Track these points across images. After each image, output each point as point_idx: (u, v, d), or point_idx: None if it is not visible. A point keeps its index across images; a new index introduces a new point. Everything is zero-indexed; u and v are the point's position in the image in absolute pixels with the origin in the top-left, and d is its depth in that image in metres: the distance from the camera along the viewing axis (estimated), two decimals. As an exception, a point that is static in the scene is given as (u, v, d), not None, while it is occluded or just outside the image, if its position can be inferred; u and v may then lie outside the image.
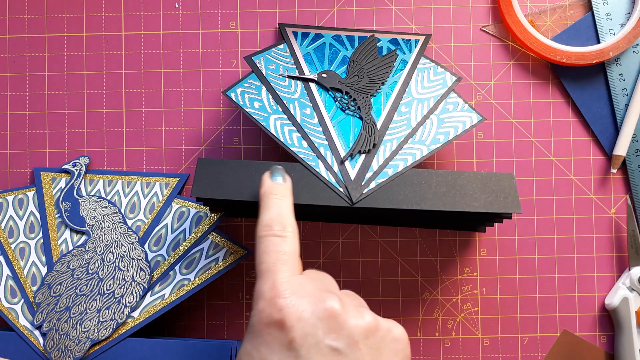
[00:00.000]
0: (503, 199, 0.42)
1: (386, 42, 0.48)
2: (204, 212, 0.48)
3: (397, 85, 0.47)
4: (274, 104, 0.45)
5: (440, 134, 0.45)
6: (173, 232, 0.48)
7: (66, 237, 0.48)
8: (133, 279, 0.47)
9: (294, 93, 0.46)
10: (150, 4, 0.50)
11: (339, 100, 0.46)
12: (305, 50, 0.47)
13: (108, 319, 0.46)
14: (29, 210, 0.48)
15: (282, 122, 0.44)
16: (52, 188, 0.48)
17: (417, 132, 0.45)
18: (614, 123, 0.49)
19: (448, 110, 0.46)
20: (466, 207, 0.41)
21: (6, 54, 0.50)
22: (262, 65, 0.46)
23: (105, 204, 0.48)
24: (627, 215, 0.48)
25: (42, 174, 0.48)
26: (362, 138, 0.44)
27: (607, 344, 0.49)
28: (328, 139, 0.45)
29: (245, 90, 0.45)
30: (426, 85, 0.47)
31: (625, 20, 0.49)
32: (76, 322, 0.46)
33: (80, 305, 0.46)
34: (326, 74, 0.46)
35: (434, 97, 0.46)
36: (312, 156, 0.44)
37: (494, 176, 0.42)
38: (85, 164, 0.48)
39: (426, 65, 0.47)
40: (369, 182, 0.43)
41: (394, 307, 0.49)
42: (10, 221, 0.48)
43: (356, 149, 0.44)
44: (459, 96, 0.46)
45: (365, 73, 0.46)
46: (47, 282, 0.47)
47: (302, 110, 0.45)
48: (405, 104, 0.46)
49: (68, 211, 0.48)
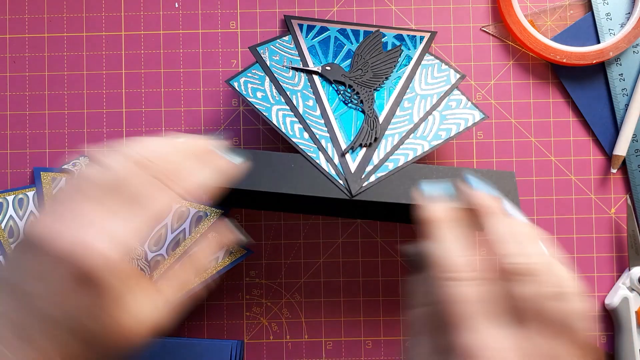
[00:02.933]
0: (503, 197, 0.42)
1: (391, 37, 0.48)
2: (204, 211, 0.48)
3: (400, 80, 0.47)
4: (276, 94, 0.45)
5: (442, 130, 0.45)
6: (173, 231, 0.48)
7: None
8: None
9: (297, 85, 0.46)
10: (150, 4, 0.50)
11: (342, 93, 0.46)
12: (310, 42, 0.47)
13: None
14: (29, 210, 0.48)
15: (284, 113, 0.44)
16: (52, 188, 0.48)
17: (419, 128, 0.45)
18: (614, 123, 0.49)
19: (451, 107, 0.46)
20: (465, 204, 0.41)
21: (6, 54, 0.50)
22: (266, 56, 0.46)
23: None
24: (627, 215, 0.48)
25: (42, 174, 0.48)
26: (363, 131, 0.44)
27: (607, 344, 0.49)
28: (329, 131, 0.45)
29: (249, 80, 0.45)
30: (430, 81, 0.47)
31: (625, 20, 0.49)
32: None
33: None
34: (330, 67, 0.46)
35: (437, 94, 0.46)
36: (313, 148, 0.44)
37: (494, 173, 0.42)
38: (85, 164, 0.48)
39: (430, 62, 0.47)
40: (369, 176, 0.43)
41: (394, 307, 0.49)
42: (11, 221, 0.48)
43: (357, 142, 0.44)
44: (462, 93, 0.46)
45: (370, 67, 0.46)
46: None
47: (305, 102, 0.45)
48: (408, 99, 0.46)
49: None
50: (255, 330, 0.49)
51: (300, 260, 0.49)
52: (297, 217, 0.49)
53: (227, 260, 0.46)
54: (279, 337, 0.49)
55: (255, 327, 0.49)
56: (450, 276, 0.29)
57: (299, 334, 0.49)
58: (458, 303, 0.28)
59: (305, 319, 0.49)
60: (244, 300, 0.49)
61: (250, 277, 0.49)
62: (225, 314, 0.49)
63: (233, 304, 0.49)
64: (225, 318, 0.49)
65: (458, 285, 0.29)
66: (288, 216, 0.49)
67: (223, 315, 0.49)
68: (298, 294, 0.49)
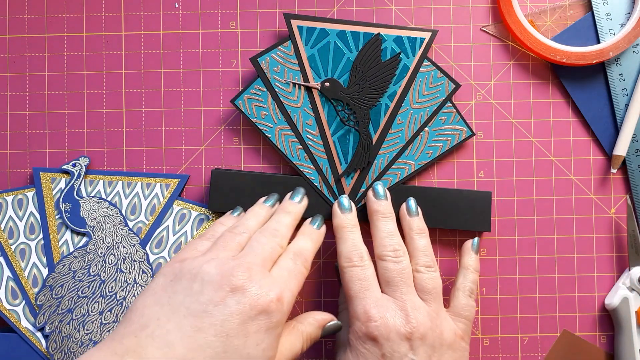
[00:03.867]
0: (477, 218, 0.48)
1: (391, 41, 0.48)
2: (205, 214, 0.48)
3: (396, 95, 0.48)
4: (279, 113, 0.48)
5: (430, 149, 0.48)
6: (174, 234, 0.48)
7: (67, 239, 0.48)
8: (135, 281, 0.47)
9: (297, 101, 0.48)
10: (150, 4, 0.50)
11: (340, 112, 0.48)
12: (310, 51, 0.48)
13: (111, 321, 0.46)
14: (28, 211, 0.48)
15: (286, 135, 0.48)
16: (52, 189, 0.48)
17: (409, 147, 0.48)
18: (614, 123, 0.49)
19: (441, 122, 0.48)
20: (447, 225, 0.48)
21: (6, 54, 0.50)
22: (267, 68, 0.47)
23: (106, 205, 0.48)
24: (627, 215, 0.48)
25: (41, 174, 0.48)
26: (358, 155, 0.48)
27: (607, 344, 0.49)
28: (327, 154, 0.48)
29: (252, 99, 0.47)
30: (424, 94, 0.48)
31: (625, 20, 0.49)
32: (79, 324, 0.46)
33: (83, 307, 0.46)
34: (329, 83, 0.47)
35: (429, 108, 0.48)
36: (312, 171, 0.48)
37: (472, 193, 0.47)
38: (85, 165, 0.48)
39: (427, 69, 0.48)
40: (362, 198, 0.48)
41: (394, 307, 0.49)
42: (10, 222, 0.48)
43: (352, 167, 0.48)
44: (454, 107, 0.48)
45: (367, 81, 0.47)
46: (48, 283, 0.47)
47: (305, 121, 0.48)
48: (401, 115, 0.48)
49: (68, 212, 0.48)
50: (255, 330, 0.49)
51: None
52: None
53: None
54: (279, 337, 0.49)
55: (255, 327, 0.49)
56: (346, 264, 0.42)
57: (299, 334, 0.49)
58: (351, 281, 0.41)
59: (306, 319, 0.49)
60: (244, 301, 0.49)
61: (251, 277, 0.49)
62: (226, 314, 0.49)
63: (233, 304, 0.49)
64: (226, 318, 0.49)
65: (350, 270, 0.42)
66: (288, 216, 0.49)
67: (223, 316, 0.49)
68: (298, 293, 0.49)
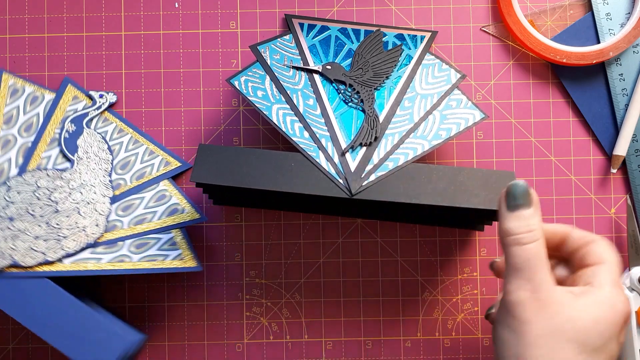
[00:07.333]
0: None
1: (392, 37, 0.48)
2: (181, 207, 0.48)
3: (401, 80, 0.47)
4: (277, 93, 0.45)
5: (443, 129, 0.45)
6: (145, 207, 0.47)
7: (51, 155, 0.47)
8: (84, 229, 0.45)
9: (297, 84, 0.46)
10: (150, 4, 0.50)
11: (343, 92, 0.46)
12: (310, 42, 0.47)
13: (39, 250, 0.44)
14: (35, 111, 0.48)
15: (285, 112, 0.44)
16: (69, 104, 0.48)
17: (420, 127, 0.45)
18: (614, 123, 0.49)
19: (451, 106, 0.46)
20: (465, 203, 0.41)
21: (6, 54, 0.50)
22: (267, 55, 0.46)
23: (105, 147, 0.48)
24: (627, 215, 0.48)
25: (68, 86, 0.49)
26: (363, 130, 0.44)
27: (607, 344, 0.49)
28: (330, 130, 0.45)
29: (249, 79, 0.45)
30: (430, 81, 0.47)
31: (625, 20, 0.49)
32: (10, 236, 0.44)
33: (24, 223, 0.45)
34: (330, 66, 0.46)
35: (437, 93, 0.46)
36: (313, 147, 0.44)
37: (494, 174, 0.42)
38: (110, 102, 0.49)
39: (431, 61, 0.47)
40: (369, 175, 0.43)
41: (394, 307, 0.49)
42: (14, 110, 0.47)
43: (357, 141, 0.44)
44: (463, 93, 0.46)
45: (370, 67, 0.46)
46: (8, 183, 0.46)
47: (305, 101, 0.45)
48: (408, 98, 0.46)
49: (68, 133, 0.47)
50: (255, 330, 0.49)
51: (300, 260, 0.49)
52: (297, 217, 0.49)
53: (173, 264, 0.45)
54: (279, 337, 0.49)
55: (255, 327, 0.49)
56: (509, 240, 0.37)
57: (299, 334, 0.49)
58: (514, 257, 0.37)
59: (305, 319, 0.49)
60: (244, 300, 0.49)
61: (250, 277, 0.49)
62: (226, 314, 0.49)
63: (233, 304, 0.49)
64: (225, 318, 0.49)
65: (515, 244, 0.37)
66: (288, 216, 0.49)
67: (223, 315, 0.49)
68: (298, 294, 0.49)
